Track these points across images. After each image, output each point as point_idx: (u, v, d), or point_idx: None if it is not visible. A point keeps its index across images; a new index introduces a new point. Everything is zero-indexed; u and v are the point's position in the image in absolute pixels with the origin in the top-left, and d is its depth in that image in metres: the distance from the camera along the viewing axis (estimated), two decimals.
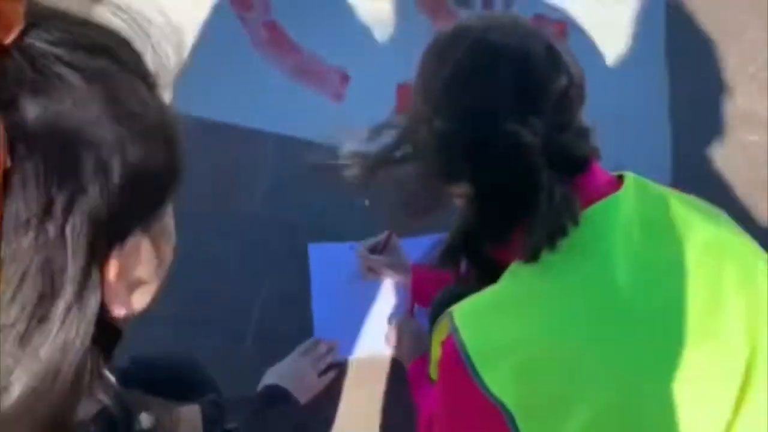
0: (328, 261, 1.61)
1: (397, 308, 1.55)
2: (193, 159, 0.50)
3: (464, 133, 0.85)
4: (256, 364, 1.44)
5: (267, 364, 1.42)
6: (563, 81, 0.82)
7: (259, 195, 1.69)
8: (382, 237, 1.53)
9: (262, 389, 1.35)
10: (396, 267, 1.53)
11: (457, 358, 0.80)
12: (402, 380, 1.44)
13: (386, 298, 1.57)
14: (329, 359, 1.47)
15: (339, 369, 1.49)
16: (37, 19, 0.41)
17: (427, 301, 1.43)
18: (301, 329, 1.53)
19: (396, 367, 1.50)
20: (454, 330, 0.83)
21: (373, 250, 1.54)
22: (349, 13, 1.89)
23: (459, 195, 0.91)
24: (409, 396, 1.35)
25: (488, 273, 0.93)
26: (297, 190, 1.68)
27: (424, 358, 1.39)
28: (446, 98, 0.86)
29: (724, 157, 1.72)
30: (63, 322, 0.40)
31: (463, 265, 0.99)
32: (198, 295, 1.55)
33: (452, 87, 0.84)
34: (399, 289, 1.56)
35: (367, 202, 1.63)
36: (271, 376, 1.38)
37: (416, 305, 1.51)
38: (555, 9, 1.88)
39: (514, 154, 0.82)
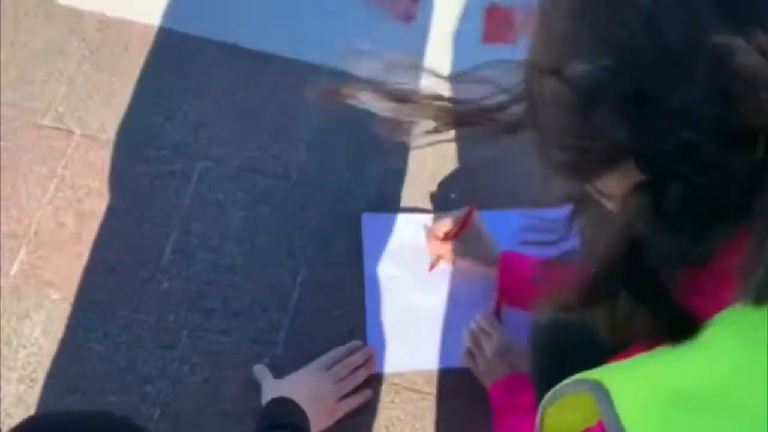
0: (386, 238, 1.23)
1: (478, 309, 1.16)
2: None
3: (629, 73, 0.47)
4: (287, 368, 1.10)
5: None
6: None
7: (303, 147, 1.31)
8: (460, 213, 1.14)
9: (262, 411, 1.01)
10: (477, 254, 1.14)
11: None
12: (465, 405, 1.07)
13: (463, 294, 1.19)
14: (360, 378, 1.11)
15: (371, 389, 1.13)
16: None
17: (521, 300, 1.05)
18: (347, 329, 1.17)
19: (457, 387, 1.13)
20: (614, 423, 0.45)
21: (446, 230, 1.15)
22: None
23: (608, 192, 0.52)
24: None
25: (664, 318, 0.54)
26: (349, 144, 1.30)
27: (513, 379, 1.02)
28: (592, 21, 0.49)
29: None
30: None
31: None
32: (218, 276, 1.20)
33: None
34: (480, 282, 1.17)
35: (453, 196, 1.25)
36: (274, 393, 1.04)
37: (503, 304, 1.13)
38: None
39: (728, 97, 0.45)
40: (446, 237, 1.16)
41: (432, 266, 1.20)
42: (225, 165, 1.29)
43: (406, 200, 1.27)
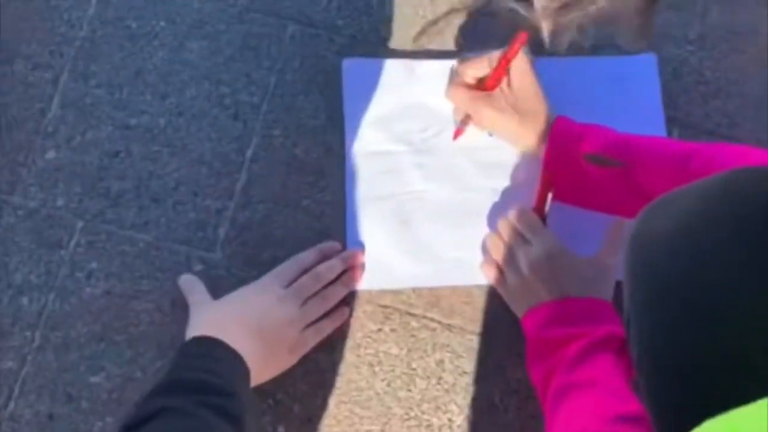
0: (380, 94, 0.84)
1: (513, 202, 0.79)
2: None
3: None
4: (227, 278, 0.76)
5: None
6: None
7: None
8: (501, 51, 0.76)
9: (180, 349, 0.67)
10: (526, 111, 0.77)
11: None
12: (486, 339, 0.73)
13: (492, 180, 0.81)
14: (336, 296, 0.76)
15: (347, 312, 0.78)
16: None
17: (582, 195, 0.70)
18: (319, 226, 0.80)
19: (475, 313, 0.78)
20: None
21: (482, 72, 0.77)
22: None
23: None
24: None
25: None
26: None
27: (563, 306, 0.69)
28: None
29: None
30: None
31: None
32: (129, 144, 0.82)
33: None
34: (521, 163, 0.81)
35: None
36: (205, 321, 0.70)
37: (550, 198, 0.77)
38: None
39: None
40: (481, 83, 0.77)
41: (457, 132, 0.81)
42: None
43: (407, 39, 0.87)
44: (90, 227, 0.79)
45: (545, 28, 0.68)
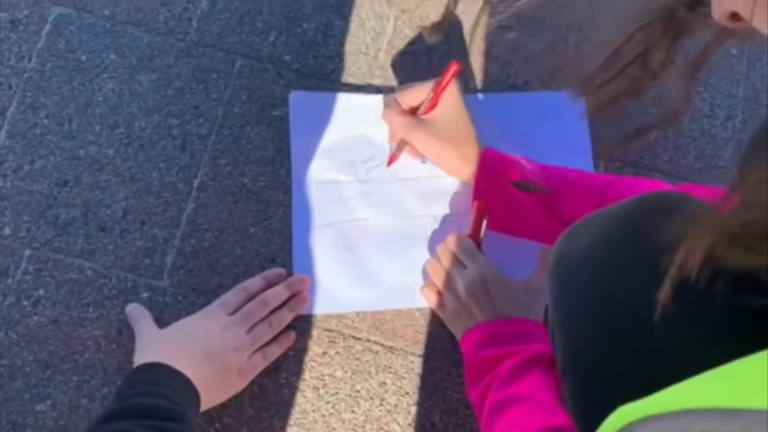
0: (324, 126, 0.87)
1: (450, 229, 0.83)
2: None
3: None
4: (174, 305, 0.76)
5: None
6: None
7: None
8: (435, 80, 0.80)
9: (129, 376, 0.69)
10: (455, 138, 0.81)
11: None
12: (427, 360, 0.76)
13: (431, 208, 0.85)
14: (283, 322, 0.79)
15: (294, 336, 0.80)
16: None
17: (512, 223, 0.75)
18: (265, 254, 0.83)
19: (417, 336, 0.82)
20: None
21: (416, 100, 0.81)
22: None
23: None
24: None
25: None
26: None
27: (497, 326, 0.73)
28: None
29: None
30: None
31: None
32: (77, 173, 0.83)
33: None
34: (456, 190, 0.85)
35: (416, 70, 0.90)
36: (153, 348, 0.71)
37: (484, 227, 0.81)
38: None
39: None
40: (416, 110, 0.81)
41: (391, 159, 0.85)
42: (91, 12, 0.89)
43: (351, 73, 0.91)
44: (37, 255, 0.80)
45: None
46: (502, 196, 0.79)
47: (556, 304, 0.52)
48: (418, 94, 0.81)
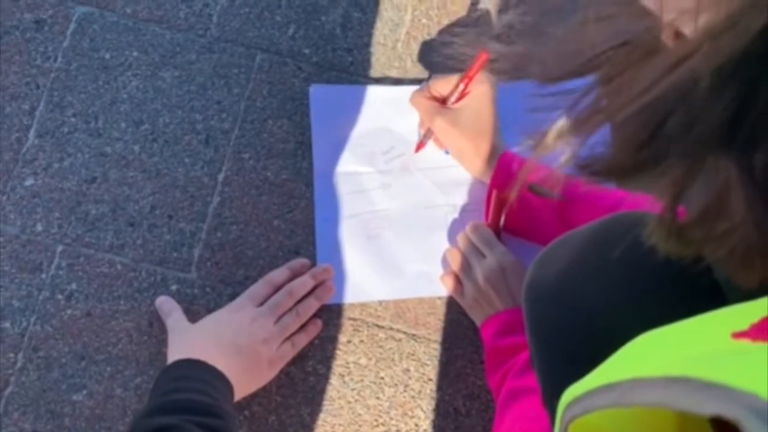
0: (346, 119, 0.89)
1: (470, 219, 0.84)
2: None
3: None
4: (202, 297, 0.78)
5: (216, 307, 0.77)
6: None
7: None
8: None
9: (166, 371, 0.71)
10: (479, 130, 0.81)
11: None
12: (449, 348, 0.77)
13: (452, 198, 0.86)
14: (310, 310, 0.80)
15: (321, 324, 0.82)
16: None
17: (523, 224, 0.78)
18: (289, 245, 0.84)
19: (439, 323, 0.83)
20: None
21: (445, 88, 0.82)
22: None
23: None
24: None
25: None
26: None
27: (513, 315, 0.74)
28: None
29: None
30: None
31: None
32: (105, 170, 0.85)
33: None
34: (477, 182, 0.86)
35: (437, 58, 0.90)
36: (186, 344, 0.73)
37: (501, 226, 0.82)
38: None
39: None
40: (445, 99, 0.81)
41: (419, 145, 0.86)
42: (113, 11, 0.91)
43: (369, 65, 0.92)
44: (69, 251, 0.83)
45: None
46: (516, 200, 0.79)
47: (529, 327, 0.55)
48: (448, 83, 0.81)
